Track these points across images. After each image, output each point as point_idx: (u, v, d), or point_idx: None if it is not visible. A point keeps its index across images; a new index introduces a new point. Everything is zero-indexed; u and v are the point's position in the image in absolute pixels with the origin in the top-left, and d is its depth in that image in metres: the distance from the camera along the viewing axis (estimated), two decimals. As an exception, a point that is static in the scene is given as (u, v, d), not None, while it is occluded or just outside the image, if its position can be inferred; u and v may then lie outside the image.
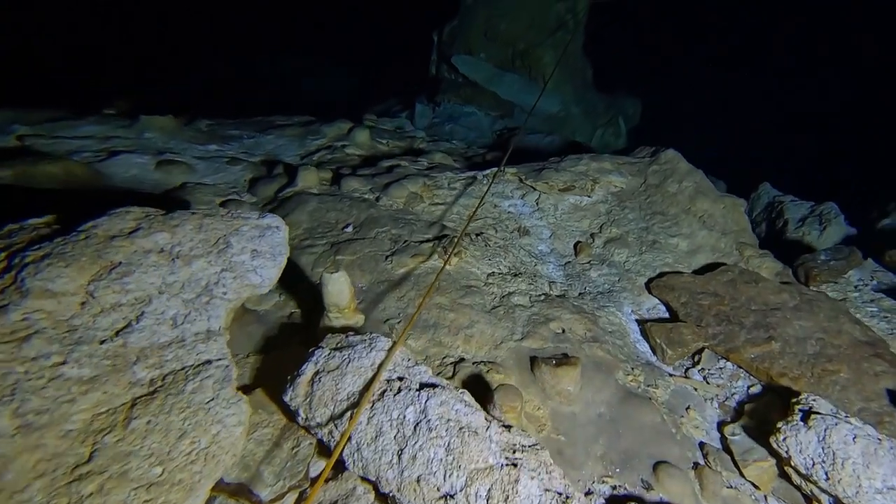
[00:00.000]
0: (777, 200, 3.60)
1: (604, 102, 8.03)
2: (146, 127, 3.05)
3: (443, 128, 6.57)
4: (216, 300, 1.29)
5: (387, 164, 3.04)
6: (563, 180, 2.76)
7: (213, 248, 1.36)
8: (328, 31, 15.47)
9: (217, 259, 1.35)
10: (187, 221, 1.37)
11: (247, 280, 1.39)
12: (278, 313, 1.89)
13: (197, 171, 2.73)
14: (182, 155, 2.86)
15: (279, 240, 1.50)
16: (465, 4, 7.47)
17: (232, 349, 1.67)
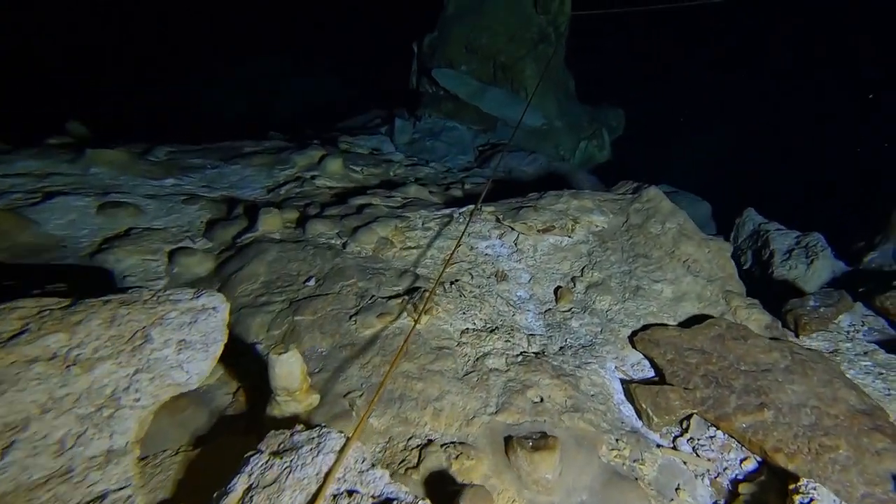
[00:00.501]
0: (762, 229, 3.52)
1: (587, 115, 7.96)
2: (93, 161, 2.81)
3: (424, 143, 6.40)
4: (124, 410, 1.10)
5: (357, 203, 2.85)
6: (542, 220, 2.61)
7: (127, 346, 1.17)
8: (312, 33, 15.20)
9: (130, 359, 1.15)
10: (95, 315, 1.17)
11: (169, 379, 1.20)
12: (222, 390, 1.69)
13: (146, 213, 2.50)
14: (131, 194, 2.63)
15: (215, 324, 1.32)
16: (445, 16, 7.33)
17: (157, 445, 1.47)
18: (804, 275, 2.92)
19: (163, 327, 1.22)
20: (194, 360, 1.25)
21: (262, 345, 1.88)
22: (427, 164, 4.74)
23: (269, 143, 4.09)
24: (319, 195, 3.15)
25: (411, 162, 4.52)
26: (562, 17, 6.88)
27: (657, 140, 11.51)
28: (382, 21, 12.25)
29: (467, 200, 3.37)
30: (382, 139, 6.02)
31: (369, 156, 4.34)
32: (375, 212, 2.72)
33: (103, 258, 2.07)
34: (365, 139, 5.81)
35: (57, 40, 12.90)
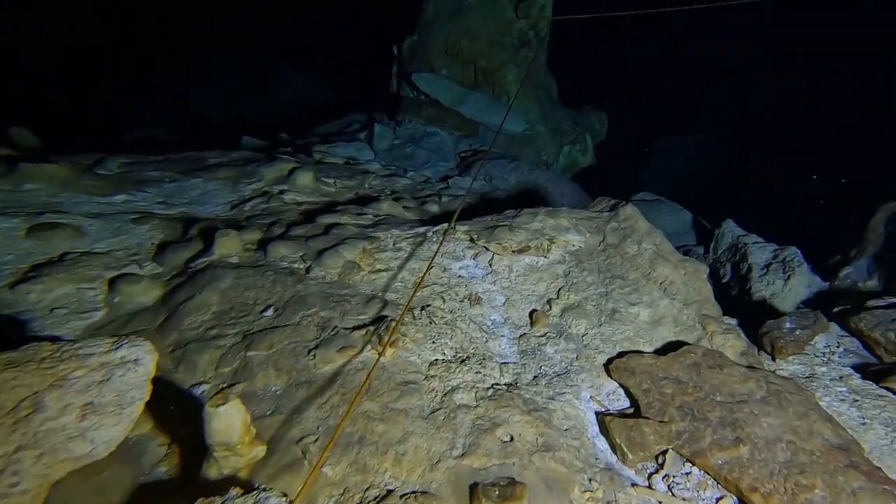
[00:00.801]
0: (741, 241, 3.50)
1: (570, 119, 7.93)
2: (27, 177, 2.61)
3: (404, 149, 6.29)
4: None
5: (325, 222, 2.72)
6: (517, 240, 2.52)
7: (7, 420, 1.03)
8: (294, 33, 14.91)
9: (9, 435, 1.02)
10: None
11: (65, 453, 1.06)
12: (155, 441, 1.55)
13: (88, 235, 2.33)
14: (71, 213, 2.46)
15: (136, 380, 1.19)
16: (424, 20, 7.22)
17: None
18: (781, 291, 2.89)
19: (63, 390, 1.09)
20: (103, 427, 1.12)
21: (209, 384, 1.75)
22: (405, 173, 4.62)
23: (237, 154, 3.93)
24: (287, 212, 3.01)
25: (388, 172, 4.39)
26: (542, 21, 6.83)
27: (640, 144, 11.61)
28: (365, 21, 12.08)
29: (443, 217, 3.27)
30: (361, 146, 5.88)
31: (344, 166, 4.21)
32: (344, 232, 2.59)
33: (27, 288, 1.91)
34: (342, 146, 5.67)
35: (42, 40, 12.45)
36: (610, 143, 9.04)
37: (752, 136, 10.42)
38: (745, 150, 10.24)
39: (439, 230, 2.73)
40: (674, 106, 13.04)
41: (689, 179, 11.21)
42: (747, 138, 10.46)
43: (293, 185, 3.42)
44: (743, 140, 10.50)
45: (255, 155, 3.96)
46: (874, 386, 2.07)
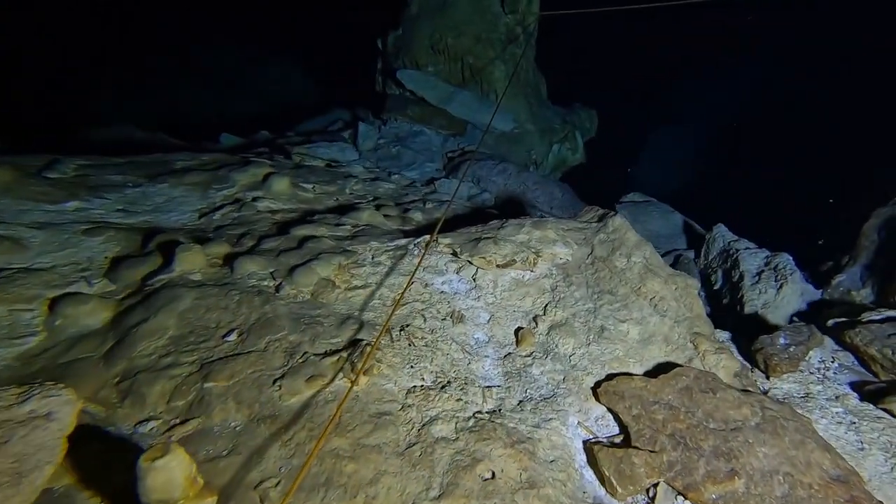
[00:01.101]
0: (732, 247, 3.42)
1: (559, 117, 7.81)
2: None
3: (389, 149, 6.12)
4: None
5: (300, 234, 2.56)
6: (502, 254, 2.40)
7: None
8: (280, 21, 14.51)
9: None
10: None
11: None
12: (84, 493, 1.39)
13: (29, 249, 2.14)
14: (11, 223, 2.26)
15: (45, 439, 1.04)
16: (409, 13, 7.02)
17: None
18: (774, 300, 2.81)
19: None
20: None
21: (159, 419, 1.59)
22: (389, 176, 4.46)
23: (207, 157, 3.73)
24: (260, 222, 2.84)
25: (371, 176, 4.23)
26: (530, 16, 6.68)
27: (631, 142, 11.54)
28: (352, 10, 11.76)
29: (427, 227, 3.13)
30: (344, 146, 5.70)
31: (324, 170, 4.04)
32: (319, 245, 2.44)
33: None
34: (324, 147, 5.48)
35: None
36: (600, 138, 8.95)
37: (743, 129, 10.38)
38: (736, 143, 10.21)
39: (421, 242, 2.59)
40: (663, 99, 12.98)
41: (680, 172, 11.18)
42: (739, 131, 10.42)
43: (268, 192, 3.25)
44: (734, 132, 10.46)
45: (228, 158, 3.76)
46: (872, 407, 1.99)
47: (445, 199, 3.89)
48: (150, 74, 13.64)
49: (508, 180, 4.99)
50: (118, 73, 13.01)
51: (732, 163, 9.82)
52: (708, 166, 10.17)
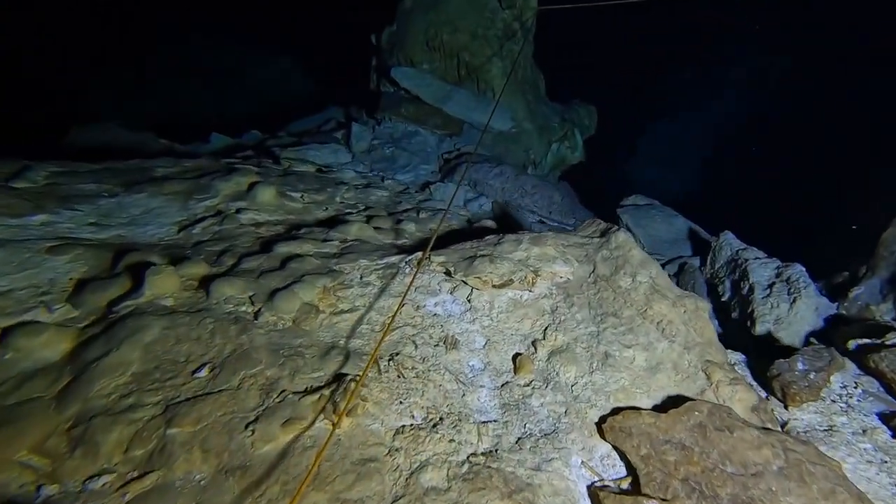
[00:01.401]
0: (741, 256, 3.26)
1: (558, 114, 7.62)
2: None
3: (383, 151, 5.93)
4: None
5: (283, 252, 2.39)
6: (499, 274, 2.23)
7: None
8: (275, 14, 14.27)
9: None
10: None
11: None
12: None
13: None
14: None
15: None
16: (404, 8, 6.81)
17: None
18: (787, 315, 2.66)
19: None
20: None
21: (113, 473, 1.43)
22: (382, 181, 4.29)
23: (190, 163, 3.55)
24: (242, 237, 2.67)
25: (363, 182, 4.05)
26: (528, 11, 6.46)
27: (630, 138, 11.32)
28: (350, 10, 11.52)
29: (419, 239, 2.96)
30: (336, 148, 5.51)
31: (314, 176, 3.85)
32: (303, 266, 2.27)
33: None
34: (316, 149, 5.29)
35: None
36: (599, 134, 8.75)
37: (749, 126, 10.12)
38: (741, 141, 9.96)
39: (413, 260, 2.42)
40: (662, 94, 12.72)
41: (680, 167, 10.93)
42: (744, 128, 10.16)
43: (253, 202, 3.07)
44: (739, 129, 10.20)
45: (212, 164, 3.58)
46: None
47: (440, 206, 3.72)
48: (149, 70, 13.43)
49: (506, 184, 4.82)
50: (117, 71, 12.80)
51: (738, 161, 9.59)
52: (711, 165, 9.95)
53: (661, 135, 11.52)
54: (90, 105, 12.68)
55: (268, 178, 3.39)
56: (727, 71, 11.41)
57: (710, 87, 11.53)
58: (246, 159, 4.45)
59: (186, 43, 14.02)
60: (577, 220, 4.71)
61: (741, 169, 9.37)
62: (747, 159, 9.53)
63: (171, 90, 13.64)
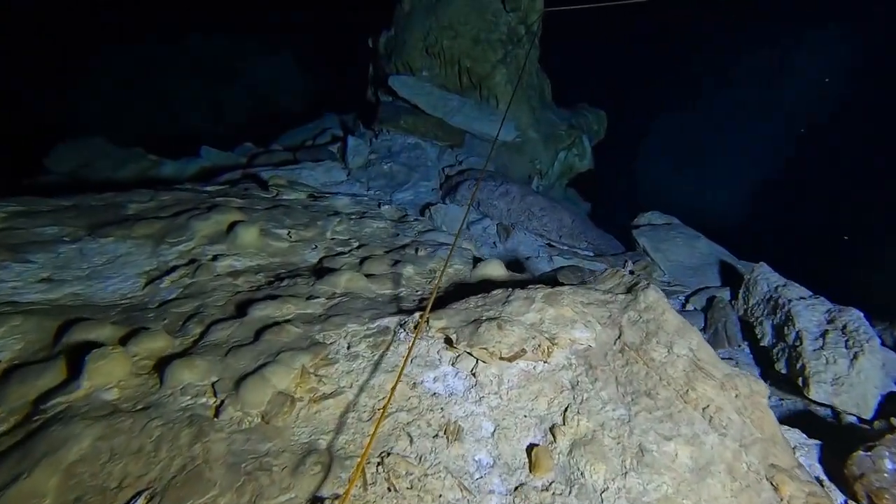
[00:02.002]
0: (782, 295, 2.89)
1: (565, 121, 7.23)
2: None
3: (381, 166, 5.60)
4: None
5: (259, 317, 2.07)
6: (508, 343, 1.89)
7: None
8: (272, 9, 14.02)
9: None
10: None
11: None
12: None
13: None
14: None
15: None
16: (402, 11, 6.44)
17: None
18: (847, 374, 2.30)
19: None
20: None
21: None
22: (379, 207, 3.95)
23: (168, 196, 3.24)
24: (216, 292, 2.34)
25: (358, 209, 3.72)
26: (533, 13, 6.08)
27: (642, 146, 10.83)
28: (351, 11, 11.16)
29: (418, 287, 2.62)
30: (331, 166, 5.18)
31: (304, 207, 3.52)
32: (281, 337, 1.94)
33: None
34: (309, 168, 4.97)
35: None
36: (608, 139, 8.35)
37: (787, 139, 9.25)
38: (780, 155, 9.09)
39: (410, 323, 2.09)
40: (671, 86, 12.09)
41: (692, 162, 10.27)
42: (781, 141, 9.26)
43: (233, 245, 2.75)
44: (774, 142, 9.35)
45: (191, 197, 3.27)
46: None
47: (442, 239, 3.37)
48: (146, 65, 13.23)
49: (512, 205, 4.47)
50: (112, 67, 12.57)
51: (769, 170, 8.86)
52: (737, 173, 9.28)
53: (676, 137, 10.96)
54: (80, 105, 12.45)
55: (251, 215, 3.07)
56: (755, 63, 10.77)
57: (734, 80, 10.81)
58: (233, 184, 4.14)
59: (185, 40, 13.84)
60: (589, 244, 4.36)
61: (774, 180, 8.72)
62: (782, 169, 8.87)
63: (167, 87, 13.48)
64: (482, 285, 2.49)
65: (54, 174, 5.71)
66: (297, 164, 4.93)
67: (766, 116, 9.90)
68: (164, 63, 13.71)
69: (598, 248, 4.32)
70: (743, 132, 10.20)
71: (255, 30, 14.35)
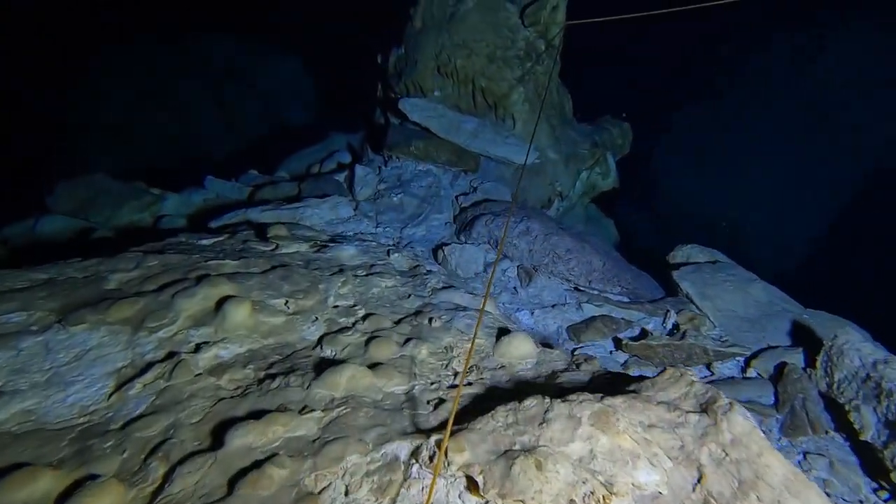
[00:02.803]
0: (884, 376, 2.38)
1: (587, 139, 6.74)
2: None
3: (390, 199, 5.23)
4: None
5: (238, 447, 1.69)
6: (552, 493, 1.47)
7: None
8: (277, 11, 13.90)
9: None
10: None
11: None
12: None
13: None
14: None
15: None
16: (413, 28, 6.06)
17: None
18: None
19: None
20: None
21: None
22: (388, 255, 3.57)
23: (156, 261, 2.90)
24: (194, 401, 1.98)
25: (365, 262, 3.34)
26: (554, 27, 5.62)
27: (671, 163, 10.16)
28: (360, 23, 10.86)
29: (433, 384, 2.21)
30: (338, 202, 4.83)
31: (304, 267, 3.15)
32: (261, 491, 1.55)
33: None
34: (314, 206, 4.63)
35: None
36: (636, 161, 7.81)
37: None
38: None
39: (424, 452, 1.68)
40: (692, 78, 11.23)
41: (716, 157, 9.36)
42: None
43: (221, 328, 2.40)
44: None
45: (181, 257, 2.93)
46: None
47: (458, 300, 2.96)
48: (160, 71, 13.20)
49: (534, 245, 4.03)
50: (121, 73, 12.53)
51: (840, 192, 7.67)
52: (742, 146, 8.40)
53: (690, 112, 10.03)
54: (80, 106, 12.38)
55: (245, 283, 2.71)
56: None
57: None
58: (231, 233, 3.81)
59: (186, 43, 13.79)
60: (623, 288, 3.89)
61: (847, 203, 7.51)
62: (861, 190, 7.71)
63: (177, 95, 13.44)
64: (508, 374, 2.06)
65: (56, 213, 5.51)
66: (300, 203, 4.59)
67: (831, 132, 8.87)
68: (169, 64, 13.71)
69: (632, 292, 3.85)
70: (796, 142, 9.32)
71: (264, 31, 14.22)
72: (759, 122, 9.59)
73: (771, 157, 9.29)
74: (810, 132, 8.95)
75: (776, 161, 9.20)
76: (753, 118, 9.93)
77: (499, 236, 4.33)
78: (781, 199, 8.75)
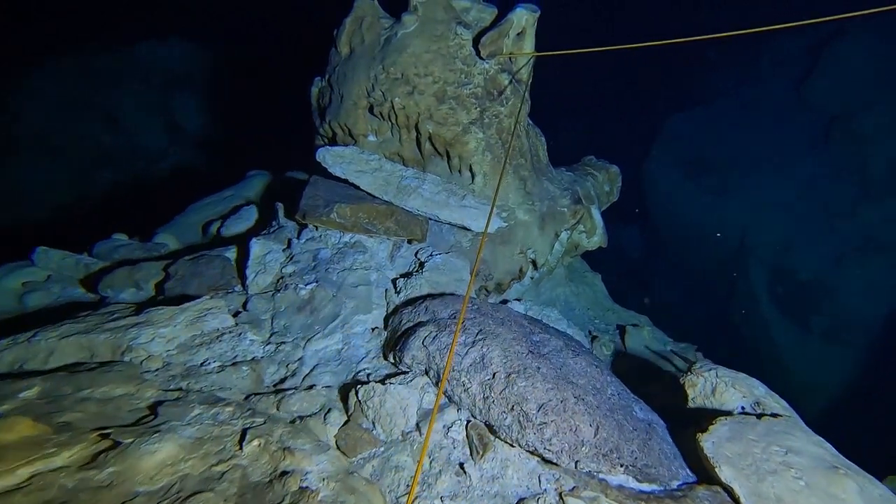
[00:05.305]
0: None
1: (567, 189, 5.42)
2: None
3: (297, 292, 3.74)
4: None
5: None
6: None
7: None
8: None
9: None
10: None
11: None
12: None
13: None
14: None
15: None
16: (338, 55, 4.68)
17: None
18: None
19: None
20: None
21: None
22: (242, 443, 2.08)
23: None
24: None
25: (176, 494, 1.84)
26: (521, 60, 4.34)
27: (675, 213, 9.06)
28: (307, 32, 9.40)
29: None
30: (205, 309, 3.34)
31: None
32: None
33: None
34: (160, 323, 3.11)
35: None
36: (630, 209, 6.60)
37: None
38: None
39: None
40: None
41: (707, 166, 8.66)
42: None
43: None
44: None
45: None
46: None
47: None
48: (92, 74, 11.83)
49: (491, 389, 2.62)
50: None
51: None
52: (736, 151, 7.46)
53: (675, 120, 9.17)
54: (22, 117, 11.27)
55: None
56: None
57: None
58: None
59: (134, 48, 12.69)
60: (628, 467, 2.51)
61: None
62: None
63: (115, 98, 12.42)
64: None
65: None
66: (143, 313, 3.07)
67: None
68: (110, 73, 12.71)
69: (641, 471, 2.48)
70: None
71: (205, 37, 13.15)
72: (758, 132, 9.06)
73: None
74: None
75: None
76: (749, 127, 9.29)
77: (442, 366, 2.90)
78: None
